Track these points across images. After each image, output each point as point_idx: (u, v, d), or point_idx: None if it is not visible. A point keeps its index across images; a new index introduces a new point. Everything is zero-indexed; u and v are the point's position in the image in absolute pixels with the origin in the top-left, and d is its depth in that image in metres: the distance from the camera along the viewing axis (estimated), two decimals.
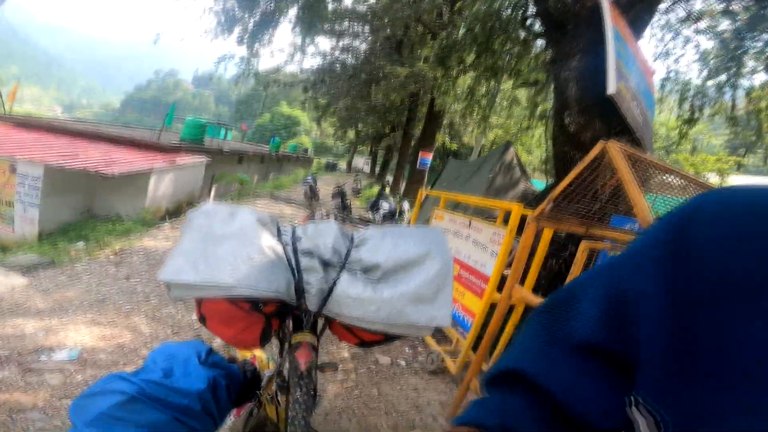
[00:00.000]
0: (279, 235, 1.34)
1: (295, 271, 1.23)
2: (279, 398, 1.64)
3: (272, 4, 9.07)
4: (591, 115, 3.40)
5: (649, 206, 1.29)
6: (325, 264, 1.25)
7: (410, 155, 16.08)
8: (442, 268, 1.19)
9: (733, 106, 5.98)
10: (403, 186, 15.35)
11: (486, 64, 8.66)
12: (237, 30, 9.68)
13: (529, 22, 5.92)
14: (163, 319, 3.18)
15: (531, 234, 1.85)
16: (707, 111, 6.10)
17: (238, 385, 1.54)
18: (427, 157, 11.63)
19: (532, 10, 5.39)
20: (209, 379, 1.32)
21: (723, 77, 5.54)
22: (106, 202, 7.92)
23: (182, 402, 1.21)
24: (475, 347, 2.66)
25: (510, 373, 0.41)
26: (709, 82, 5.79)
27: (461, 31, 6.10)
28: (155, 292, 3.74)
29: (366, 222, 7.18)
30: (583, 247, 1.71)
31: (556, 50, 4.00)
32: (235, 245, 1.18)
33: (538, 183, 7.76)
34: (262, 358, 1.98)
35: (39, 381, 2.08)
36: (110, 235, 5.63)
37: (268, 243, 1.23)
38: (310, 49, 15.21)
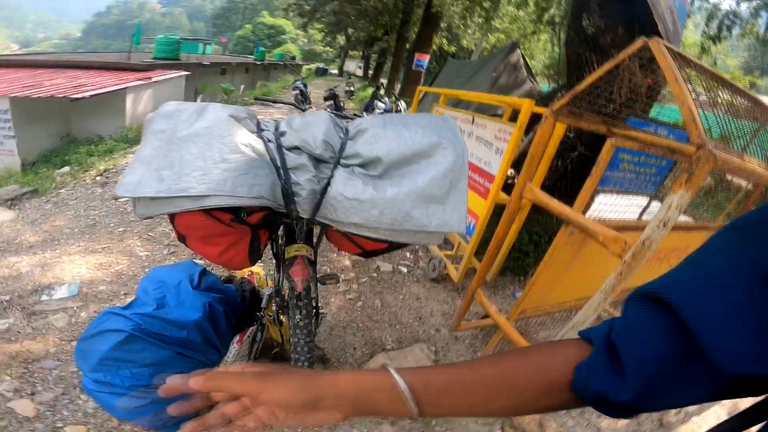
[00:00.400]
0: (259, 130, 1.12)
1: (281, 171, 1.04)
2: (281, 317, 1.57)
3: None
4: (613, 19, 3.06)
5: (694, 110, 1.08)
6: (316, 160, 1.06)
7: (405, 58, 15.05)
8: (455, 161, 1.00)
9: (757, 32, 5.86)
10: (398, 88, 14.60)
11: None
12: None
13: None
14: (158, 239, 3.05)
15: (548, 129, 1.65)
16: (735, 31, 5.88)
17: (236, 308, 1.46)
18: (424, 59, 10.85)
19: None
20: (205, 306, 1.24)
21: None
22: (85, 124, 7.72)
23: (181, 335, 1.15)
24: (477, 253, 2.61)
25: (655, 298, 0.38)
26: (744, 5, 5.38)
27: None
28: None
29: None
30: (608, 146, 1.53)
31: None
32: (204, 146, 0.96)
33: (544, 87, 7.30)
34: (260, 274, 1.89)
35: (45, 324, 2.02)
36: (93, 156, 5.40)
37: (245, 140, 1.01)
38: None
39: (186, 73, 10.28)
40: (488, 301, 2.03)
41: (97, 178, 4.34)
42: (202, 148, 0.96)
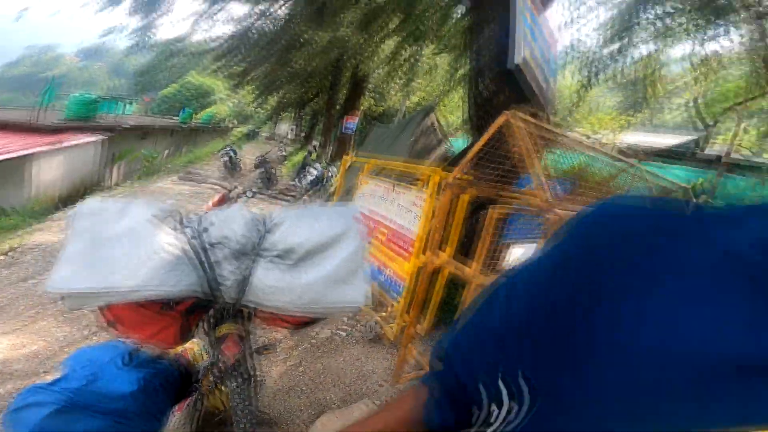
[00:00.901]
0: (183, 227, 1.23)
1: (206, 265, 1.15)
2: (220, 386, 1.60)
3: None
4: (502, 82, 3.59)
5: (543, 168, 1.39)
6: (238, 253, 1.19)
7: (336, 120, 15.68)
8: (357, 247, 1.19)
9: (623, 73, 6.73)
10: (330, 151, 15.04)
11: (409, 29, 8.50)
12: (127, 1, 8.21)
13: None
14: (76, 320, 2.92)
15: (447, 199, 1.92)
16: (602, 77, 6.78)
17: (173, 381, 1.47)
18: (352, 122, 11.46)
19: None
20: (139, 380, 1.25)
21: (616, 46, 6.10)
22: None
23: (117, 406, 1.15)
24: (409, 311, 2.78)
25: (440, 351, 0.49)
26: (605, 51, 6.42)
27: None
28: None
29: (290, 196, 6.96)
30: (491, 213, 1.82)
31: (474, 17, 4.08)
32: (129, 246, 1.06)
33: (462, 142, 8.04)
34: (194, 350, 1.89)
35: None
36: None
37: (169, 239, 1.13)
38: (221, 15, 13.43)
39: (102, 137, 9.56)
40: (422, 354, 2.18)
41: (1, 258, 4.01)
42: (129, 248, 1.05)
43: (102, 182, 9.59)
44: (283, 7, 14.87)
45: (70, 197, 7.79)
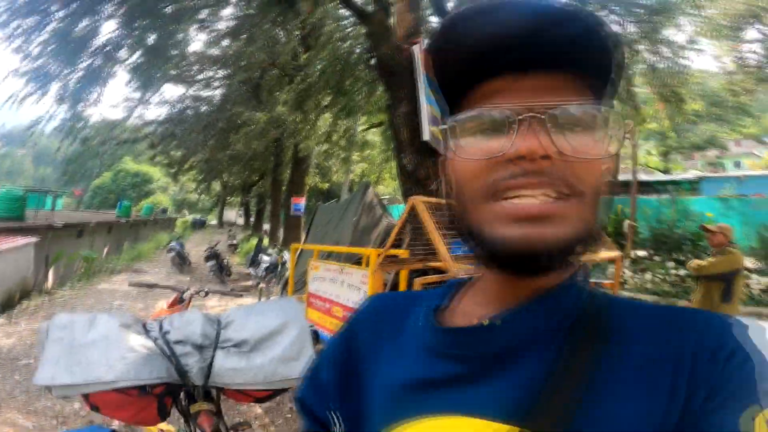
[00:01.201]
0: (147, 331, 1.45)
1: (172, 357, 1.39)
2: None
3: (98, 60, 7.43)
4: (423, 155, 3.96)
5: (446, 253, 1.78)
6: (199, 347, 1.42)
7: (283, 201, 15.48)
8: (301, 331, 1.49)
9: None
10: (281, 234, 14.72)
11: (341, 104, 9.02)
12: (55, 88, 7.91)
13: (373, 62, 6.58)
14: (42, 411, 3.01)
15: (379, 280, 2.25)
16: None
17: None
18: (300, 202, 11.70)
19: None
20: None
21: None
22: None
23: None
24: None
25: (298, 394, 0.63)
26: None
27: (316, 74, 6.38)
28: (18, 388, 3.53)
29: (242, 290, 6.93)
30: (415, 283, 2.17)
31: (391, 95, 4.45)
32: (103, 349, 1.30)
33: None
34: (171, 430, 2.01)
35: None
36: None
37: (138, 341, 1.37)
38: (155, 98, 13.13)
39: (34, 239, 8.91)
40: None
41: None
42: (105, 350, 1.29)
43: (39, 286, 8.86)
44: (217, 90, 14.99)
45: (7, 303, 7.20)
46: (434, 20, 7.34)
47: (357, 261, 4.12)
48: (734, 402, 0.34)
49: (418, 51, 3.63)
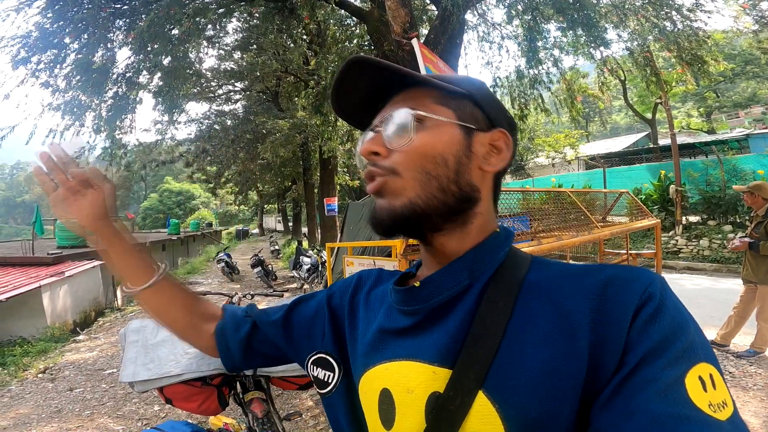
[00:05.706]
0: None
1: None
2: None
3: (123, 87, 7.31)
4: None
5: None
6: None
7: (317, 203, 15.65)
8: None
9: (552, 94, 7.37)
10: (319, 235, 14.90)
11: None
12: (90, 118, 8.51)
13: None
14: (128, 416, 3.42)
15: (404, 267, 2.34)
16: (531, 105, 7.27)
17: None
18: (332, 203, 11.79)
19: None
20: None
21: (532, 73, 6.65)
22: (3, 326, 7.22)
23: None
24: None
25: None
26: (524, 80, 6.96)
27: (328, 76, 6.48)
28: (106, 395, 3.93)
29: (285, 288, 7.24)
30: None
31: None
32: (170, 346, 1.58)
33: None
34: (234, 423, 2.32)
35: None
36: (28, 356, 5.57)
37: None
38: (182, 117, 13.32)
39: (99, 262, 9.79)
40: None
41: (39, 375, 4.65)
42: (171, 348, 1.56)
43: (111, 304, 9.73)
44: (238, 103, 15.38)
45: (84, 322, 8.14)
46: (432, 9, 7.24)
47: (388, 254, 4.22)
48: (661, 359, 0.36)
49: (416, 44, 3.63)
